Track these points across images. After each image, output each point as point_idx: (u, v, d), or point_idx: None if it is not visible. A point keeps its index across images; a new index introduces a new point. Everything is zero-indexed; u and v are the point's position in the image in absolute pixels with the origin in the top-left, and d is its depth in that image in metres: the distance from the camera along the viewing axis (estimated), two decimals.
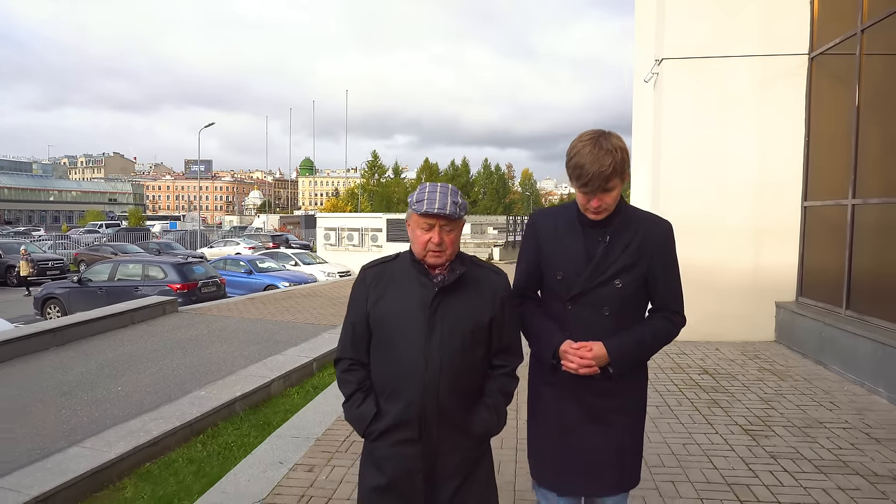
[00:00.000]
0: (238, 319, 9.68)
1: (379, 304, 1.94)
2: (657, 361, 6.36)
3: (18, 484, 3.80)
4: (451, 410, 1.89)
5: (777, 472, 3.70)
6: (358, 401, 1.94)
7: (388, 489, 1.91)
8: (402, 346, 1.89)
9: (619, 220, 2.01)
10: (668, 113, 7.37)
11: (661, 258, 2.03)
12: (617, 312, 2.00)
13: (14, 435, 4.98)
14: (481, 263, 2.05)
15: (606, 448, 2.04)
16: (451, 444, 1.91)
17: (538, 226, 2.14)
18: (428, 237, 1.89)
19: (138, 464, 4.36)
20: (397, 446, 1.90)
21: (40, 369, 6.98)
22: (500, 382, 2.01)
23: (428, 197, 1.87)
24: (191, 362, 7.12)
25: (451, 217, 1.88)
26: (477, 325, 1.93)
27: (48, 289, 14.25)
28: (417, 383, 1.86)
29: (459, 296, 1.93)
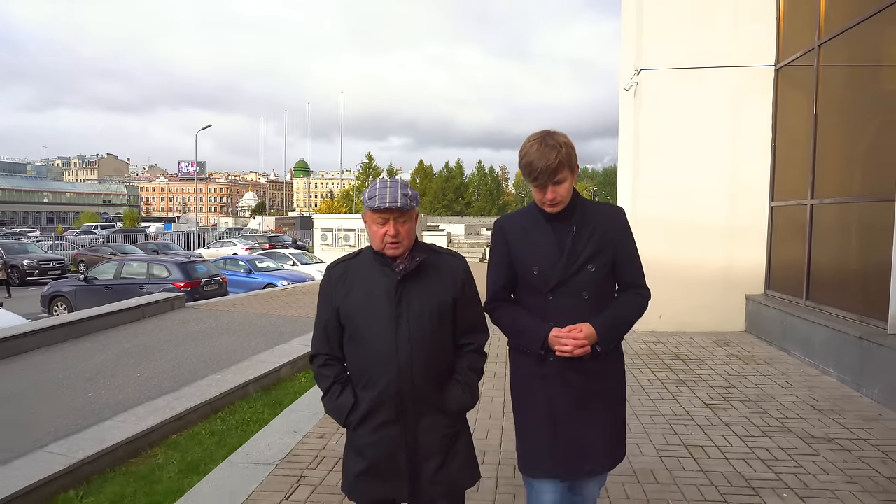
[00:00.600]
0: (243, 314, 10.21)
1: (347, 300, 2.03)
2: (635, 349, 6.93)
3: (66, 450, 4.32)
4: (426, 390, 1.99)
5: (728, 436, 4.26)
6: (336, 393, 2.04)
7: (370, 473, 2.00)
8: (373, 336, 1.99)
9: (580, 211, 2.16)
10: (646, 120, 7.94)
11: (623, 243, 2.21)
12: (594, 295, 2.14)
13: (50, 413, 5.49)
14: (440, 250, 2.17)
15: (598, 426, 2.17)
16: (429, 421, 2.01)
17: (506, 229, 2.26)
18: (384, 230, 1.98)
19: (166, 436, 4.88)
20: (378, 430, 1.98)
21: (63, 358, 7.48)
22: (469, 360, 2.11)
23: (379, 193, 1.97)
24: (202, 352, 7.64)
25: (403, 208, 1.97)
26: (441, 307, 2.03)
27: (55, 287, 14.68)
28: (392, 368, 1.96)
29: (421, 282, 2.03)
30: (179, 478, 4.13)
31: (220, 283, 14.74)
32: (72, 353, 7.73)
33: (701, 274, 7.78)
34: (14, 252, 24.11)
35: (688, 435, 4.29)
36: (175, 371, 6.78)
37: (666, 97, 7.79)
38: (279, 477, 3.67)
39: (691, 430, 4.40)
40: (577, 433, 2.14)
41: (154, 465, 4.41)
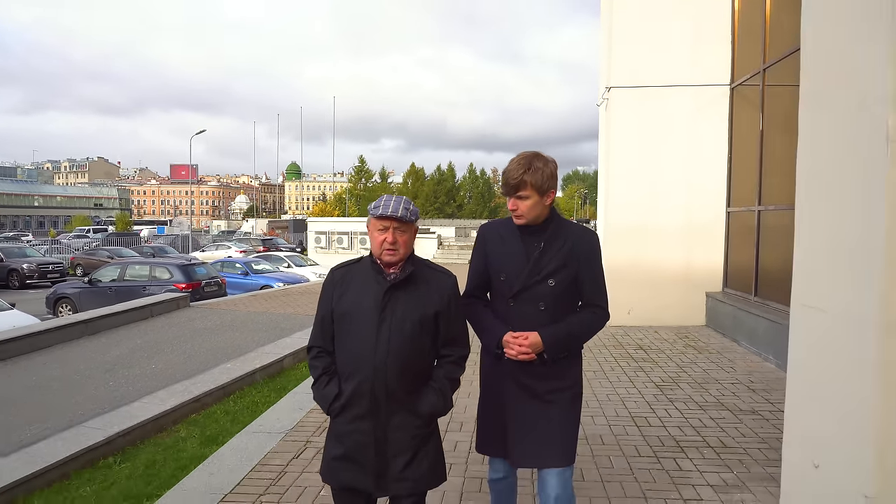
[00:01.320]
0: (245, 312, 10.90)
1: (342, 300, 2.24)
2: (604, 341, 7.67)
3: (102, 425, 5.01)
4: (399, 391, 2.15)
5: (670, 409, 5.01)
6: (323, 383, 2.24)
7: (344, 459, 2.19)
8: (357, 335, 2.17)
9: (552, 229, 2.36)
10: (614, 133, 8.72)
11: (587, 263, 2.38)
12: (551, 307, 2.32)
13: (78, 399, 6.17)
14: (433, 266, 2.36)
15: (539, 424, 2.34)
16: (400, 420, 2.17)
17: (486, 236, 2.49)
18: (384, 237, 2.17)
19: (186, 415, 5.58)
20: (353, 422, 2.17)
21: (81, 353, 8.14)
22: (446, 369, 2.27)
23: (384, 203, 2.19)
24: (210, 346, 8.33)
25: (403, 219, 2.17)
26: (423, 317, 2.19)
27: (60, 289, 15.30)
28: (368, 366, 2.14)
29: (409, 292, 2.21)
30: (201, 447, 4.83)
31: (220, 284, 15.41)
32: (88, 349, 8.39)
33: (666, 274, 8.55)
34: (13, 256, 24.63)
35: (636, 409, 5.04)
36: (187, 363, 7.47)
37: (633, 113, 8.56)
38: (289, 442, 4.38)
39: (640, 405, 5.14)
40: (520, 426, 2.35)
41: (178, 438, 5.12)
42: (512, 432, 2.37)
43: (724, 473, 3.75)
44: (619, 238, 8.67)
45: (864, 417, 2.43)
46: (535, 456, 2.37)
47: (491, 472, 2.59)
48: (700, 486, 3.58)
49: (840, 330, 2.63)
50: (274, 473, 3.83)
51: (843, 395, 2.59)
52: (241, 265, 19.65)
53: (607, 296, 2.43)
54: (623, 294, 7.82)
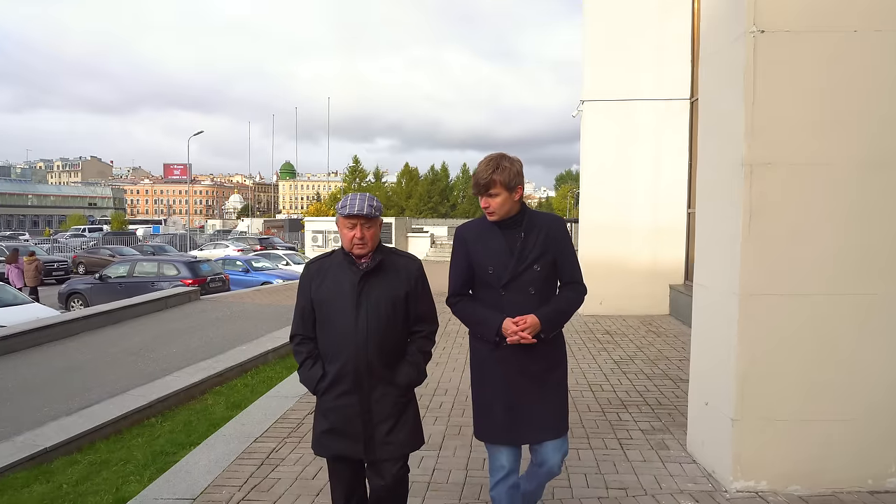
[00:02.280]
0: (252, 304, 11.81)
1: (320, 290, 2.44)
2: (576, 327, 8.62)
3: (142, 393, 5.92)
4: (378, 366, 2.38)
5: (622, 379, 5.96)
6: (308, 366, 2.44)
7: (332, 432, 2.41)
8: (338, 320, 2.38)
9: (527, 221, 2.54)
10: (588, 142, 9.68)
11: (563, 246, 2.59)
12: (539, 290, 2.52)
13: (113, 377, 7.07)
14: (399, 252, 2.60)
15: (545, 400, 2.54)
16: (381, 392, 2.40)
17: (466, 237, 2.64)
18: (353, 234, 2.38)
19: (211, 386, 6.49)
20: (339, 398, 2.38)
21: (107, 339, 9.03)
22: (418, 344, 2.51)
23: (350, 203, 2.39)
24: (224, 333, 9.23)
25: (369, 216, 2.38)
26: (395, 298, 2.43)
27: (72, 285, 16.14)
28: (351, 347, 2.36)
29: (380, 278, 2.43)
30: (227, 410, 5.74)
31: (224, 280, 16.29)
32: (113, 336, 9.28)
33: (634, 268, 9.51)
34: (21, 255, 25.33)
35: (593, 379, 5.98)
36: (205, 347, 8.37)
37: (604, 123, 9.51)
38: (303, 403, 5.29)
39: (597, 376, 6.09)
40: (526, 406, 2.52)
41: (206, 404, 6.04)
42: (514, 414, 2.52)
43: (654, 422, 4.70)
44: (593, 235, 9.65)
45: (731, 361, 3.39)
46: (537, 431, 2.55)
47: (493, 474, 2.62)
48: (633, 430, 4.53)
49: (717, 300, 3.59)
50: (293, 424, 4.74)
51: (719, 347, 3.55)
52: (242, 263, 20.52)
53: (581, 272, 2.66)
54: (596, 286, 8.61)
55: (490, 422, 2.57)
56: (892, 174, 3.25)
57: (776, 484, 3.39)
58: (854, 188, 3.26)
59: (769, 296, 3.31)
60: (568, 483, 3.59)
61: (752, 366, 3.35)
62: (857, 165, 3.25)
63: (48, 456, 4.64)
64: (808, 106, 3.26)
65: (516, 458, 2.60)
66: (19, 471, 4.40)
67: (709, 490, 3.47)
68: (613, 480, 3.64)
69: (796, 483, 3.38)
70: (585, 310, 8.74)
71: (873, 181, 3.26)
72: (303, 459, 3.97)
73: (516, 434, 2.54)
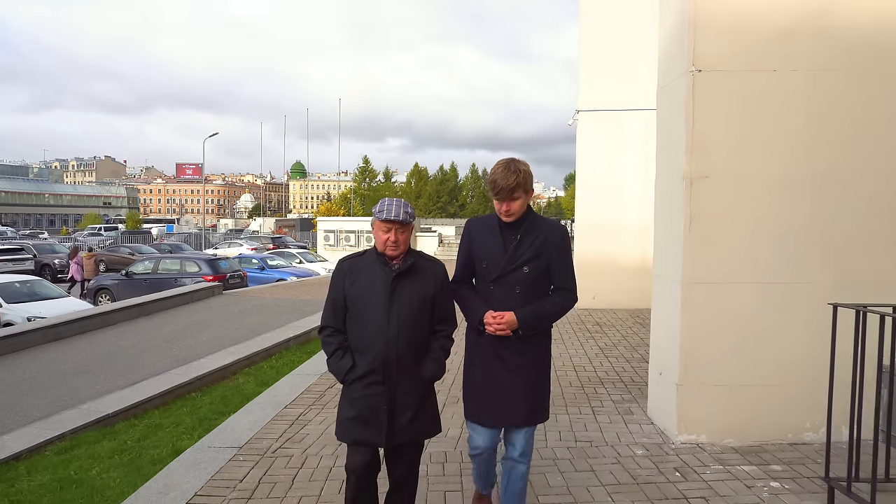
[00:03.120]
0: (271, 298, 12.68)
1: (353, 287, 2.59)
2: (568, 319, 9.39)
3: (182, 373, 6.78)
4: (406, 361, 2.55)
5: (603, 362, 6.73)
6: (339, 356, 2.59)
7: (357, 420, 2.56)
8: (371, 316, 2.53)
9: (527, 224, 2.68)
10: (582, 149, 10.45)
11: (558, 253, 2.71)
12: (526, 291, 2.66)
13: (151, 360, 7.93)
14: (426, 256, 2.75)
15: (517, 391, 2.70)
16: (407, 385, 2.56)
17: (471, 229, 2.84)
18: (387, 237, 2.54)
19: (240, 368, 7.33)
20: (367, 388, 2.53)
21: (142, 329, 9.92)
22: (440, 342, 2.69)
23: (387, 208, 2.54)
24: (247, 323, 10.09)
25: (404, 222, 2.55)
26: (424, 299, 2.59)
27: (99, 281, 17.10)
28: (382, 342, 2.51)
29: (410, 279, 2.59)
30: (257, 387, 6.57)
31: (242, 277, 17.18)
32: (148, 326, 10.17)
33: (624, 265, 10.26)
34: (45, 251, 26.50)
35: (578, 362, 6.76)
36: (232, 335, 9.23)
37: (597, 131, 10.28)
38: (325, 379, 6.10)
39: (583, 360, 6.86)
40: (500, 391, 2.71)
41: (238, 382, 6.88)
42: (491, 397, 2.73)
43: (625, 395, 5.48)
44: (587, 234, 10.43)
45: (676, 337, 4.17)
46: (506, 416, 2.75)
47: (471, 450, 2.90)
48: (605, 401, 5.31)
49: (667, 287, 4.38)
50: (317, 395, 5.56)
51: (669, 326, 4.34)
52: (258, 260, 21.43)
53: (575, 280, 2.81)
54: (589, 282, 9.49)
55: (471, 401, 2.81)
56: (798, 187, 4.03)
57: (713, 437, 4.17)
58: (770, 198, 4.03)
59: (705, 283, 4.09)
60: (544, 438, 4.37)
61: (692, 341, 4.14)
62: (774, 179, 4.03)
63: (110, 420, 5.49)
64: (736, 130, 4.04)
65: (492, 439, 2.82)
66: (89, 431, 5.25)
67: (659, 443, 4.26)
68: (582, 436, 4.42)
69: (730, 437, 4.16)
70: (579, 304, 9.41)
71: (786, 192, 4.03)
72: (326, 421, 4.78)
73: (489, 415, 2.76)
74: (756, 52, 4.01)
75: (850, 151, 4.02)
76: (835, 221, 4.04)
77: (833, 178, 4.03)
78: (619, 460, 3.95)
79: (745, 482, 3.59)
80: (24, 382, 7.20)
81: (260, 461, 3.97)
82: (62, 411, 5.68)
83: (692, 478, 3.67)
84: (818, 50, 3.99)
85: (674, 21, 4.34)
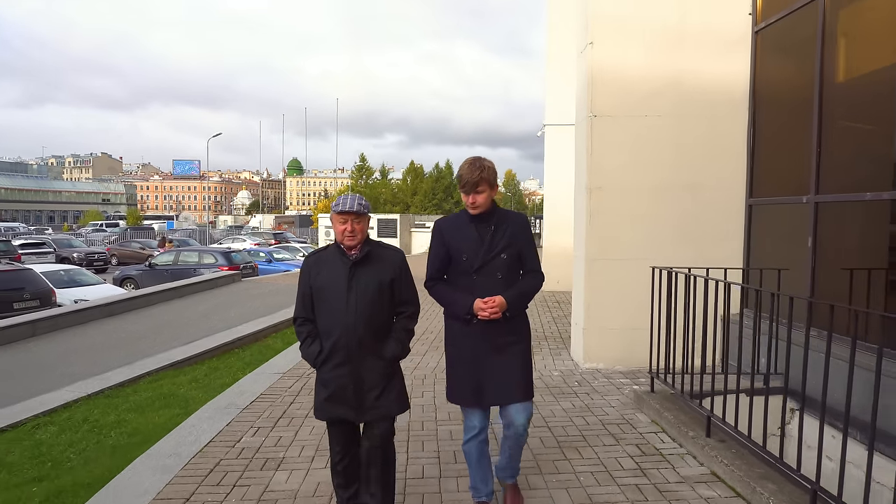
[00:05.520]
0: (284, 284, 14.60)
1: (318, 278, 2.87)
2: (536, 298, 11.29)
3: (225, 335, 8.69)
4: (367, 342, 2.80)
5: (551, 326, 8.67)
6: (308, 343, 2.87)
7: (330, 399, 2.84)
8: (333, 302, 2.81)
9: (497, 216, 2.97)
10: (548, 157, 12.41)
11: (525, 239, 3.03)
12: (506, 276, 2.94)
13: (193, 330, 9.84)
14: (385, 245, 3.01)
15: (512, 369, 2.94)
16: (370, 364, 2.82)
17: (443, 228, 3.06)
18: (344, 227, 2.81)
19: (269, 333, 9.26)
20: (334, 369, 2.81)
21: (179, 308, 11.84)
22: (402, 323, 2.94)
23: (342, 201, 2.81)
24: (266, 303, 12.02)
25: (358, 213, 2.80)
26: (381, 284, 2.85)
27: (124, 271, 18.99)
28: (342, 325, 2.78)
29: (368, 266, 2.85)
30: (284, 346, 8.49)
31: (253, 268, 19.10)
32: (182, 306, 12.09)
33: None
34: (63, 246, 28.29)
35: (534, 326, 8.71)
36: (255, 312, 11.16)
37: (559, 143, 12.21)
38: None
39: (536, 325, 8.81)
40: (493, 373, 2.92)
41: (269, 343, 8.81)
42: (482, 380, 2.92)
43: (560, 345, 7.42)
44: (553, 231, 12.39)
45: (582, 295, 6.13)
46: (502, 395, 2.95)
47: (466, 432, 3.04)
48: (545, 350, 7.24)
49: (578, 262, 6.33)
50: None
51: (579, 289, 6.29)
52: (265, 254, 23.35)
53: (540, 263, 3.11)
54: (554, 269, 11.44)
55: (461, 388, 3.00)
56: (666, 194, 5.97)
57: (608, 364, 6.14)
58: (644, 202, 5.98)
59: (600, 260, 6.05)
60: None
61: (592, 299, 6.10)
62: (648, 189, 5.97)
63: (179, 364, 7.39)
64: (621, 157, 5.98)
65: (485, 418, 3.04)
66: (166, 371, 7.17)
67: (571, 369, 6.22)
68: None
69: (619, 364, 6.12)
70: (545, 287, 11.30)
71: (656, 199, 5.98)
72: None
73: (483, 397, 2.96)
74: (634, 104, 5.95)
75: (700, 171, 5.96)
76: (692, 218, 5.98)
77: (690, 189, 5.97)
78: (542, 378, 5.89)
79: (617, 386, 5.56)
80: (97, 345, 9.12)
81: (298, 379, 5.91)
82: (143, 359, 7.60)
83: (585, 385, 5.63)
84: (675, 103, 5.93)
85: (582, 80, 6.28)
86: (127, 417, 5.48)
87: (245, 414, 4.89)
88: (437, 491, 3.50)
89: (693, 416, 4.28)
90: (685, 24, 5.87)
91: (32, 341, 9.33)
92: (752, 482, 3.28)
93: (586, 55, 6.07)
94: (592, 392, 5.43)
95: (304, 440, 4.31)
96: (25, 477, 4.21)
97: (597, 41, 5.95)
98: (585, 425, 4.60)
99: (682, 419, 4.29)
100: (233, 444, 4.23)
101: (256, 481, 3.64)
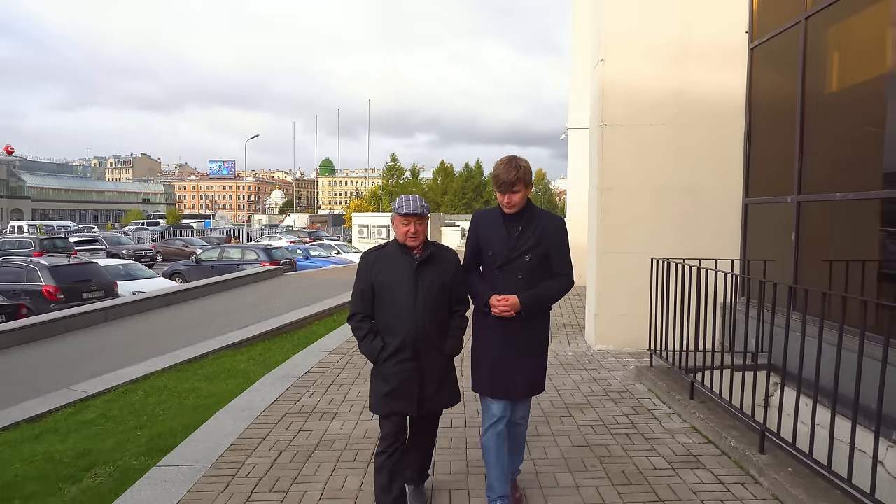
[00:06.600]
0: (322, 279, 15.61)
1: (380, 276, 2.96)
2: None
3: (273, 322, 9.65)
4: (431, 338, 2.93)
5: (571, 315, 9.39)
6: (370, 339, 2.95)
7: (392, 394, 2.93)
8: (399, 301, 2.91)
9: (528, 215, 3.00)
10: (571, 160, 13.10)
11: (556, 242, 3.03)
12: (527, 276, 2.98)
13: (245, 317, 10.84)
14: (441, 246, 3.12)
15: (519, 367, 3.03)
16: (432, 360, 2.95)
17: (478, 221, 3.15)
18: (407, 229, 2.91)
19: (312, 321, 10.18)
20: (399, 364, 2.91)
21: (228, 299, 12.89)
22: (458, 322, 3.07)
23: (405, 203, 2.91)
24: (307, 295, 12.99)
25: (421, 214, 2.92)
26: (443, 283, 2.97)
27: (173, 267, 20.25)
28: (411, 322, 2.89)
29: (431, 266, 2.96)
30: (325, 333, 9.39)
31: (292, 264, 20.18)
32: (231, 297, 13.15)
33: None
34: (113, 244, 29.94)
35: (557, 316, 9.44)
36: (299, 302, 12.13)
37: (581, 146, 12.87)
38: None
39: (557, 315, 9.53)
40: (505, 368, 3.01)
41: (313, 329, 9.73)
42: (495, 372, 3.01)
43: (577, 331, 8.14)
44: (575, 228, 13.03)
45: (594, 286, 6.87)
46: (512, 391, 3.03)
47: (485, 421, 3.09)
48: (563, 334, 7.97)
49: (591, 255, 7.07)
50: None
51: (592, 279, 7.02)
52: (302, 251, 24.47)
53: (572, 266, 3.08)
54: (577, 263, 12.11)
55: (479, 377, 3.08)
56: (669, 194, 6.66)
57: (617, 346, 6.86)
58: (649, 202, 6.68)
59: (609, 253, 6.77)
60: None
61: (603, 288, 6.83)
62: (652, 190, 6.67)
63: (237, 346, 8.36)
64: (628, 161, 6.69)
65: (506, 407, 3.06)
66: (226, 351, 8.13)
67: (584, 350, 6.95)
68: None
69: (627, 346, 6.83)
70: None
71: (659, 199, 6.67)
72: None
73: (497, 389, 3.02)
74: (640, 114, 6.65)
75: (700, 174, 6.64)
76: (692, 217, 6.65)
77: (690, 191, 6.65)
78: (557, 357, 6.64)
79: (623, 364, 6.29)
80: (160, 331, 10.18)
81: (344, 356, 6.79)
82: (203, 340, 8.59)
83: (594, 363, 6.37)
84: (677, 113, 6.61)
85: (595, 92, 7.00)
86: (199, 385, 6.43)
87: (301, 381, 5.77)
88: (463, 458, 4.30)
89: (683, 385, 5.00)
90: (688, 42, 6.55)
91: (104, 326, 10.45)
92: (721, 430, 4.01)
93: (598, 71, 6.80)
94: (600, 368, 6.17)
95: (353, 400, 5.16)
96: (129, 426, 5.17)
97: (608, 58, 6.68)
98: (591, 392, 5.36)
99: (672, 387, 5.02)
100: (293, 403, 5.11)
101: (317, 428, 4.50)
